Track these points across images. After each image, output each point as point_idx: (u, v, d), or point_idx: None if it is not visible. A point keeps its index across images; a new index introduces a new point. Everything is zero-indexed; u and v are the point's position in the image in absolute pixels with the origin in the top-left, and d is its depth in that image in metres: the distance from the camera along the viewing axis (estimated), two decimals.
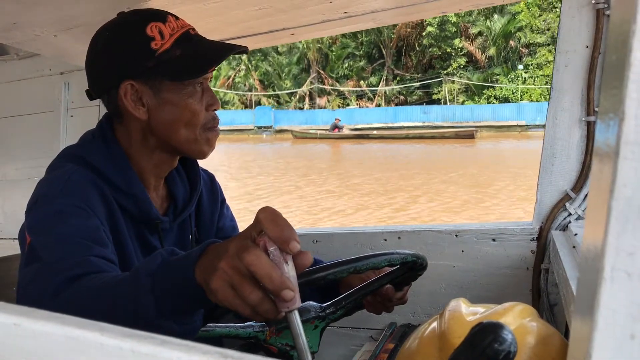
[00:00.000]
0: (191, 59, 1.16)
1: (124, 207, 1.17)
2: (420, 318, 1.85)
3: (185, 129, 1.18)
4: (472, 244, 1.76)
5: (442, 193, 11.85)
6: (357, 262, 1.19)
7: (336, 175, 15.72)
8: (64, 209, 1.04)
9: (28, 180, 2.32)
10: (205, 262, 0.76)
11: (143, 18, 1.16)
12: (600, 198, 0.33)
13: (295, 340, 0.72)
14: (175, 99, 1.17)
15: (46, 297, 0.89)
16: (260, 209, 0.74)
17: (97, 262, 0.95)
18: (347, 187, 13.23)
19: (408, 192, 12.18)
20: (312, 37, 2.08)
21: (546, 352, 0.85)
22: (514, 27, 39.84)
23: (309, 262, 0.74)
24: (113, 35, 1.18)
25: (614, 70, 0.34)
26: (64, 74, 2.19)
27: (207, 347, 0.34)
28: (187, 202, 1.33)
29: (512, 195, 11.35)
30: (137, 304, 0.80)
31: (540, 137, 1.70)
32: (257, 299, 0.70)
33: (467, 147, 25.45)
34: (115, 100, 1.18)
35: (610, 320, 0.31)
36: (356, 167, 17.67)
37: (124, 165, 1.18)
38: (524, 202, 10.12)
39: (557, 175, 1.63)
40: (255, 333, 1.12)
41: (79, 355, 0.36)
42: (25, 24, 1.51)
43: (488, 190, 11.98)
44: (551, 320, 1.60)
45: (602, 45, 1.53)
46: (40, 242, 1.00)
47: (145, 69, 1.14)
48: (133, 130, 1.21)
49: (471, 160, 19.71)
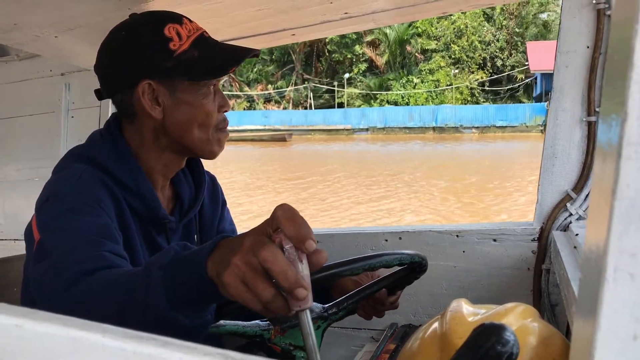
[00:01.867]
0: (211, 60, 1.18)
1: (133, 206, 1.18)
2: (421, 319, 1.84)
3: (199, 129, 1.20)
4: (473, 244, 1.76)
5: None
6: (369, 260, 1.19)
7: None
8: (75, 207, 1.04)
9: (28, 182, 2.32)
10: (218, 256, 0.76)
11: (160, 19, 1.18)
12: (603, 198, 0.33)
13: (305, 340, 0.72)
14: (191, 100, 1.18)
15: (58, 291, 0.89)
16: (277, 206, 0.74)
17: (109, 257, 0.96)
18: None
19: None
20: (313, 37, 2.08)
21: (548, 352, 0.85)
22: (407, 35, 42.24)
23: (323, 261, 0.74)
24: (129, 35, 1.19)
25: (616, 70, 0.34)
26: (64, 75, 2.19)
27: (209, 348, 0.34)
28: (193, 203, 1.34)
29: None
30: (149, 297, 0.80)
31: (366, 140, 1.72)
32: (270, 295, 0.70)
33: (278, 149, 27.74)
34: (130, 99, 1.19)
35: (613, 321, 0.31)
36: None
37: (133, 165, 1.19)
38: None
39: (557, 176, 1.63)
40: (261, 332, 1.12)
41: (81, 356, 0.36)
42: (25, 25, 1.51)
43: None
44: (552, 321, 1.59)
45: (602, 45, 1.53)
46: (52, 238, 1.00)
47: (164, 69, 1.15)
48: (145, 130, 1.21)
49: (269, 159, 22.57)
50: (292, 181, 15.31)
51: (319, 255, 0.73)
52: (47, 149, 2.25)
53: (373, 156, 23.51)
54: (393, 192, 12.92)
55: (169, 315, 0.79)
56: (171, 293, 0.79)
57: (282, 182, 15.32)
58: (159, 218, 1.22)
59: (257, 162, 21.50)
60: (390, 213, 10.42)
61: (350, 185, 14.03)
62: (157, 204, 1.20)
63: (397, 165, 18.81)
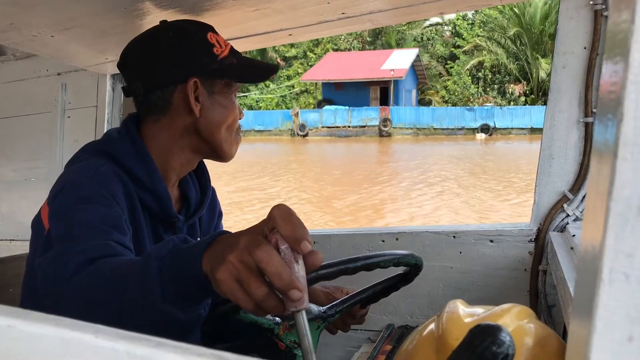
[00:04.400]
0: (251, 67, 1.30)
1: (145, 203, 1.20)
2: (418, 319, 1.84)
3: (226, 130, 1.28)
4: (470, 245, 1.76)
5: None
6: (368, 260, 1.19)
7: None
8: (90, 196, 1.06)
9: (25, 182, 2.31)
10: (214, 252, 0.76)
11: (201, 26, 1.28)
12: (599, 199, 0.33)
13: (301, 340, 0.72)
14: (225, 102, 1.27)
15: (63, 278, 0.90)
16: (274, 206, 0.74)
17: (114, 246, 0.97)
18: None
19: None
20: (310, 38, 2.08)
21: (544, 353, 0.85)
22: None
23: (319, 262, 0.73)
24: (178, 36, 1.25)
25: (612, 71, 0.33)
26: (61, 75, 2.19)
27: (202, 349, 0.34)
28: (199, 205, 1.38)
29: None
30: (144, 287, 0.80)
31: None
32: (263, 294, 0.70)
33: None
34: (170, 96, 1.23)
35: (609, 322, 0.31)
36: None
37: (149, 163, 1.22)
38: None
39: (555, 177, 1.63)
40: (274, 325, 1.12)
41: (74, 357, 0.35)
42: (22, 24, 1.50)
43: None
44: (549, 322, 1.60)
45: (600, 46, 1.53)
46: (60, 228, 1.01)
47: (210, 70, 1.23)
48: (175, 128, 1.26)
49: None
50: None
51: (314, 257, 0.73)
52: (43, 149, 2.24)
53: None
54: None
55: (162, 306, 0.79)
56: (166, 285, 0.79)
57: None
58: (169, 216, 1.25)
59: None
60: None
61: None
62: (169, 202, 1.23)
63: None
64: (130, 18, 1.49)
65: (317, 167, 19.32)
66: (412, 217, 9.70)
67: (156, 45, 1.25)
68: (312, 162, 22.05)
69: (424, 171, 16.52)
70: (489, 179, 14.56)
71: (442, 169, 17.15)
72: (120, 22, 1.52)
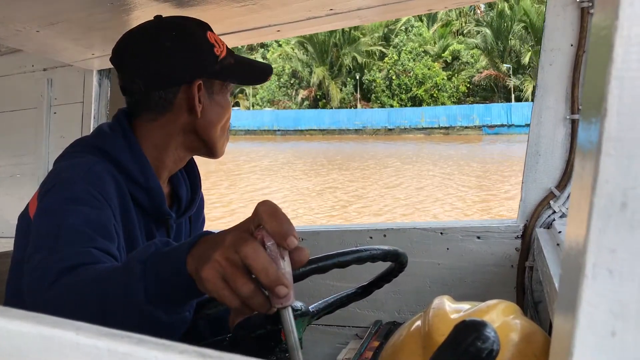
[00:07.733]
0: (249, 67, 1.32)
1: (138, 200, 1.19)
2: (405, 316, 1.85)
3: (221, 129, 1.29)
4: (457, 242, 1.77)
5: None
6: (342, 257, 1.17)
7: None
8: (80, 196, 1.04)
9: (10, 178, 2.29)
10: (198, 252, 0.75)
11: (199, 25, 1.27)
12: (583, 195, 0.33)
13: (287, 337, 0.71)
14: (222, 102, 1.28)
15: (43, 287, 0.89)
16: (259, 202, 0.73)
17: (96, 254, 0.95)
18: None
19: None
20: (298, 34, 2.08)
21: (529, 349, 0.86)
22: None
23: (305, 258, 0.73)
24: (181, 35, 1.23)
25: (596, 67, 0.33)
26: (47, 71, 2.17)
27: (184, 346, 0.34)
28: (189, 204, 1.37)
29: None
30: (128, 291, 0.79)
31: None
32: (249, 291, 0.69)
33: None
34: (172, 96, 1.22)
35: (592, 317, 0.31)
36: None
37: (142, 160, 1.21)
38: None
39: (541, 173, 1.64)
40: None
41: (55, 355, 0.35)
42: (7, 19, 1.49)
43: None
44: (535, 318, 1.60)
45: (586, 43, 1.54)
46: (47, 226, 1.00)
47: (212, 71, 1.24)
48: (173, 126, 1.24)
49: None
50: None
51: (300, 253, 0.73)
52: (29, 145, 2.22)
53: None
54: None
55: (146, 309, 0.79)
56: (150, 287, 0.78)
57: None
58: (162, 213, 1.24)
59: None
60: None
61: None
62: (162, 199, 1.22)
63: None
64: (117, 13, 1.48)
65: None
66: None
67: (159, 44, 1.22)
68: None
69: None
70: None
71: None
72: (107, 17, 1.51)
